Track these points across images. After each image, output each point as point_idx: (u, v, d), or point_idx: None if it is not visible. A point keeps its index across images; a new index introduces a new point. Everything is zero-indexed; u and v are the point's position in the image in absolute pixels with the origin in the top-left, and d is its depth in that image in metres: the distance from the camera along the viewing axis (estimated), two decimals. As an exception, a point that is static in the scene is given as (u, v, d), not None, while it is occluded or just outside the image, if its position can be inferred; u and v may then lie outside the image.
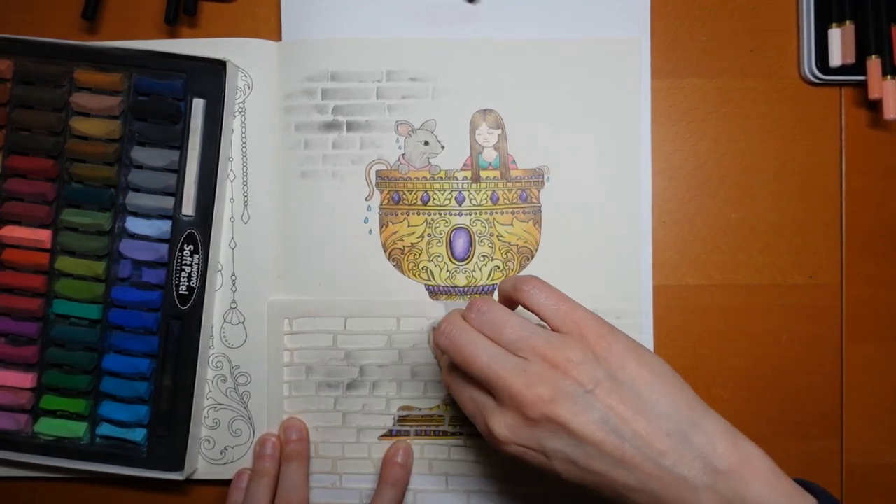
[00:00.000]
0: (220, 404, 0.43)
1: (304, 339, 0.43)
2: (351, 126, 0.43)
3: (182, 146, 0.41)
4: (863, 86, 0.42)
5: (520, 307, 0.35)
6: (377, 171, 0.43)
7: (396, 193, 0.43)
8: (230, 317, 0.43)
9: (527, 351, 0.32)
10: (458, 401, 0.35)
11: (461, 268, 0.43)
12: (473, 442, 0.43)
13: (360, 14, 0.43)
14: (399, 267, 0.43)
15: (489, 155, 0.43)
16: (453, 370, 0.35)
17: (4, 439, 0.42)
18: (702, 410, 0.31)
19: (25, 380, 0.42)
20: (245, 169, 0.43)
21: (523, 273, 0.43)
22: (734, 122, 0.44)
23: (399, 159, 0.43)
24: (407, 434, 0.43)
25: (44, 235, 0.41)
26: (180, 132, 0.41)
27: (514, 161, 0.43)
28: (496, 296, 0.37)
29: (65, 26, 0.44)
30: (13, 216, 0.42)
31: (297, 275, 0.43)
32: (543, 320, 0.34)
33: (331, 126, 0.43)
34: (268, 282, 0.43)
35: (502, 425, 0.32)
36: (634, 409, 0.30)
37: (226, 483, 0.43)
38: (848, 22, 0.42)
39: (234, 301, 0.43)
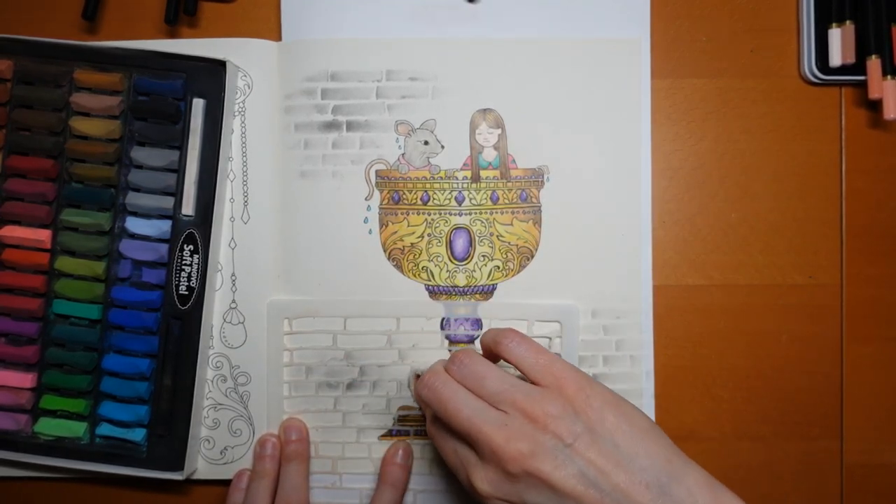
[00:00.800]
0: (220, 404, 0.43)
1: (304, 339, 0.43)
2: (351, 126, 0.43)
3: (182, 146, 0.41)
4: (863, 86, 0.42)
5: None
6: (377, 171, 0.43)
7: (396, 193, 0.43)
8: (230, 317, 0.43)
9: (507, 404, 0.32)
10: (441, 452, 0.35)
11: (461, 268, 0.43)
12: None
13: (360, 14, 0.43)
14: (399, 267, 0.43)
15: (489, 155, 0.43)
16: (436, 422, 0.35)
17: (4, 439, 0.42)
18: (681, 462, 0.31)
19: (25, 380, 0.42)
20: (245, 169, 0.43)
21: (523, 273, 0.43)
22: (734, 122, 0.44)
23: (399, 159, 0.43)
24: (407, 434, 0.43)
25: (44, 235, 0.41)
26: (180, 132, 0.41)
27: (513, 161, 0.43)
28: (478, 346, 0.38)
29: (65, 26, 0.44)
30: (13, 216, 0.42)
31: (297, 275, 0.43)
32: (522, 373, 0.34)
33: (331, 126, 0.43)
34: (268, 282, 0.43)
35: (484, 480, 0.32)
36: (613, 463, 0.31)
37: (226, 483, 0.43)
38: (848, 22, 0.42)
39: (234, 301, 0.43)
